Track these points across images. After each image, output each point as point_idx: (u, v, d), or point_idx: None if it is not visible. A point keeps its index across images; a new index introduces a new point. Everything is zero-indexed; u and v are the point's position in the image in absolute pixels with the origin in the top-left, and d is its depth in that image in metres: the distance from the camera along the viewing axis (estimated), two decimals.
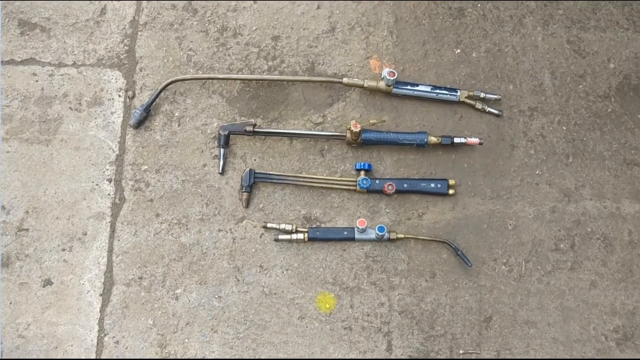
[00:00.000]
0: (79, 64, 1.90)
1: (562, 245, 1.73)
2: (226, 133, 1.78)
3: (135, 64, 1.91)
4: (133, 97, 1.88)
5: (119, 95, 1.88)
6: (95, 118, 1.86)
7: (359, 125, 1.70)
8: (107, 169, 1.81)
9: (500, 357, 1.66)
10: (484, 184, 1.78)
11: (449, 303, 1.70)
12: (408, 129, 1.81)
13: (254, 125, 1.76)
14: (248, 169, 1.75)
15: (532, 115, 1.84)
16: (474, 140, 1.73)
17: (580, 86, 1.87)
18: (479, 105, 1.79)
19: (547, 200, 1.77)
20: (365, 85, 1.76)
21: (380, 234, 1.70)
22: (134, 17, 1.96)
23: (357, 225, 1.68)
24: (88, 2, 1.95)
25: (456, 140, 1.73)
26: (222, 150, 1.78)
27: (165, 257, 1.73)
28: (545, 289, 1.70)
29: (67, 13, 1.96)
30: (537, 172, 1.79)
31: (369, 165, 1.74)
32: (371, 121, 1.76)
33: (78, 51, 1.92)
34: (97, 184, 1.80)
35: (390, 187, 1.73)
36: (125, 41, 1.93)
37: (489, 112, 1.80)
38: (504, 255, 1.72)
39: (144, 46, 1.92)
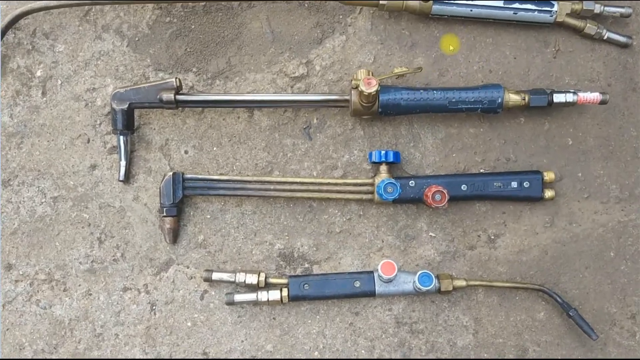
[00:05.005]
0: None
1: None
2: (125, 107, 1.03)
3: None
4: None
5: None
6: None
7: (374, 81, 0.98)
8: None
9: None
10: (606, 175, 1.13)
11: None
12: (464, 82, 1.13)
13: (178, 88, 1.02)
14: (171, 172, 1.04)
15: None
16: (592, 96, 1.05)
17: None
18: (591, 29, 1.16)
19: None
20: (382, 1, 1.09)
21: (423, 288, 0.95)
22: None
23: (380, 270, 0.99)
24: None
25: (557, 98, 1.06)
26: (121, 137, 1.06)
27: (27, 347, 1.06)
28: None
29: None
30: None
31: (396, 155, 1.06)
32: (396, 71, 1.04)
33: None
34: None
35: (438, 195, 1.01)
36: None
37: (609, 40, 1.17)
38: None
39: None
